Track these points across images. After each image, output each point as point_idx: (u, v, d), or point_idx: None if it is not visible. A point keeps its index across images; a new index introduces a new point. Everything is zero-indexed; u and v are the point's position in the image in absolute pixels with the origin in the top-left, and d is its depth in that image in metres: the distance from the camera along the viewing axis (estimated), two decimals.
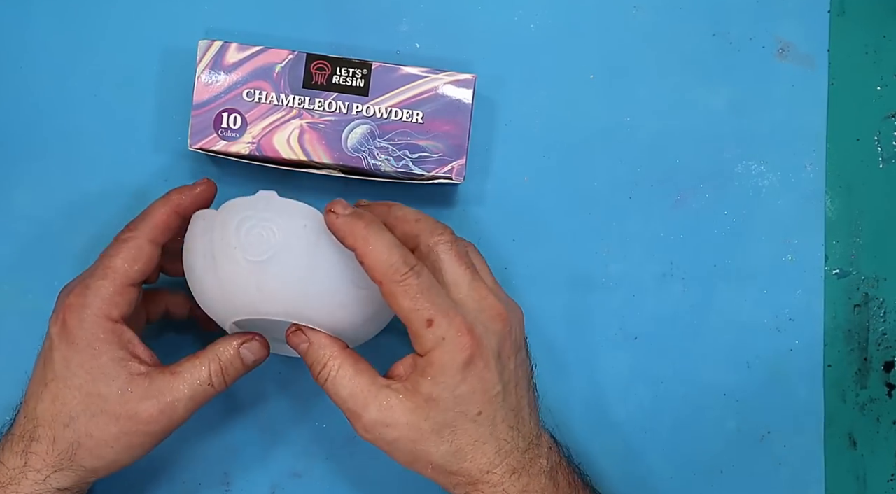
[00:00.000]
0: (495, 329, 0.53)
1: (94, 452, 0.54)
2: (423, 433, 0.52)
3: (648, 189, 0.67)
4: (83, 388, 0.53)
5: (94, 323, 0.53)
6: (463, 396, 0.52)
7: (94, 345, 0.53)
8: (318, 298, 0.54)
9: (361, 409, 0.53)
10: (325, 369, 0.54)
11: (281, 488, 0.66)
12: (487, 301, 0.54)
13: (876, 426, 0.68)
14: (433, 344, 0.52)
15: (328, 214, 0.52)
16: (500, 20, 0.67)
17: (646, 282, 0.67)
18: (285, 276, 0.53)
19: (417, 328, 0.52)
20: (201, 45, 0.60)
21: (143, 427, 0.54)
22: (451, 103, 0.60)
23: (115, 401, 0.53)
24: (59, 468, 0.54)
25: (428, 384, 0.52)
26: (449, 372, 0.52)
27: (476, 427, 0.53)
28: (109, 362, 0.53)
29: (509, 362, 0.54)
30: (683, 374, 0.67)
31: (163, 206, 0.56)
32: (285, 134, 0.60)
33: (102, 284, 0.54)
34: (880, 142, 0.68)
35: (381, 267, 0.51)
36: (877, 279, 0.68)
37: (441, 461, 0.53)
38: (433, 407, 0.52)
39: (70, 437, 0.53)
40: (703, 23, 0.68)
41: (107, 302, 0.54)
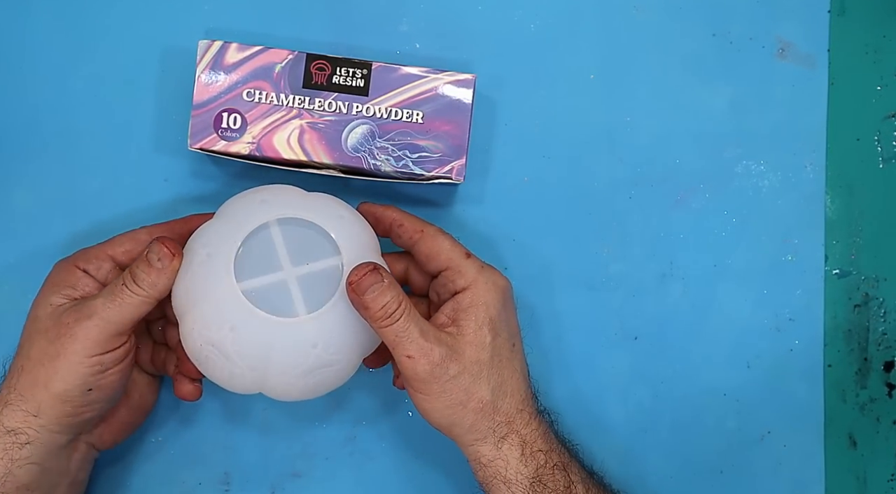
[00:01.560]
0: (503, 285, 0.59)
1: (36, 376, 0.55)
2: (481, 364, 0.57)
3: (648, 189, 0.67)
4: (29, 313, 0.58)
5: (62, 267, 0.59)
6: (504, 323, 0.58)
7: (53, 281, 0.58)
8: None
9: (434, 343, 0.55)
10: (400, 307, 0.55)
11: (281, 488, 0.66)
12: (489, 270, 0.60)
13: (876, 426, 0.68)
14: (475, 272, 0.58)
15: (363, 205, 0.61)
16: (500, 20, 0.67)
17: (646, 282, 0.67)
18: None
19: (459, 261, 0.58)
20: (201, 45, 0.60)
21: (75, 344, 0.55)
22: (451, 103, 0.60)
23: (44, 319, 0.56)
24: (10, 403, 0.56)
25: (479, 312, 0.57)
26: (493, 296, 0.58)
27: (514, 358, 0.58)
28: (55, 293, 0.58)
29: (512, 318, 0.60)
30: (683, 374, 0.67)
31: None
32: (285, 134, 0.60)
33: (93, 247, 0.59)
34: (880, 142, 0.68)
35: (420, 220, 0.60)
36: (877, 279, 0.68)
37: (490, 395, 0.57)
38: (487, 334, 0.57)
39: (15, 366, 0.57)
40: (703, 23, 0.68)
41: (82, 251, 0.59)
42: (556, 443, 0.58)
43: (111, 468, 0.65)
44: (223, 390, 0.64)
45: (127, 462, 0.65)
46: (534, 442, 0.57)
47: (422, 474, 0.66)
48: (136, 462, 0.66)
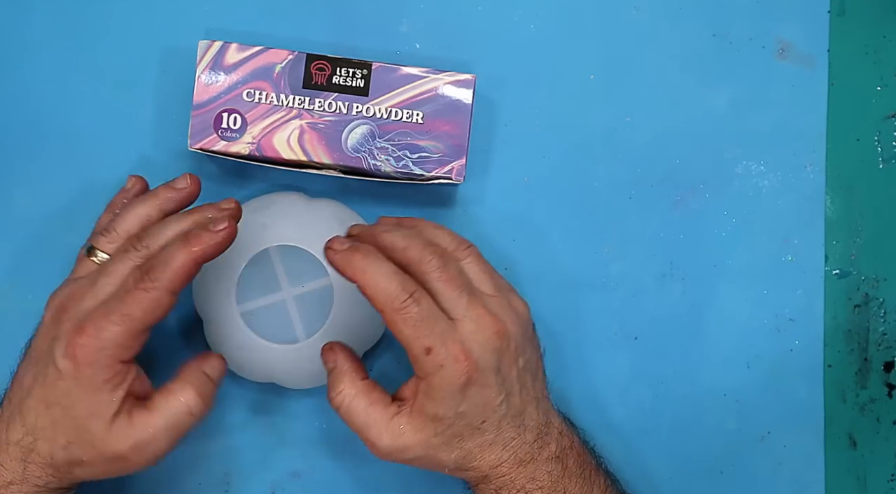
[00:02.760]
0: (493, 346, 0.55)
1: (88, 472, 0.55)
2: (434, 447, 0.55)
3: (648, 189, 0.67)
4: (77, 421, 0.53)
5: (104, 367, 0.53)
6: (465, 413, 0.55)
7: (97, 385, 0.53)
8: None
9: (376, 439, 0.55)
10: (339, 396, 0.57)
11: (281, 488, 0.66)
12: (484, 319, 0.55)
13: (876, 426, 0.68)
14: (432, 370, 0.54)
15: (327, 251, 0.55)
16: (500, 20, 0.67)
17: (646, 282, 0.67)
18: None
19: (417, 355, 0.54)
20: (201, 46, 0.60)
21: (125, 463, 0.55)
22: (451, 103, 0.60)
23: (101, 439, 0.54)
24: (57, 476, 0.55)
25: (431, 405, 0.55)
26: (449, 395, 0.54)
27: (481, 434, 0.56)
28: (107, 401, 0.53)
29: (511, 371, 0.56)
30: (683, 374, 0.67)
31: (184, 256, 0.53)
32: (285, 134, 0.60)
33: (119, 332, 0.52)
34: (880, 142, 0.68)
35: (380, 296, 0.53)
36: (877, 279, 0.68)
37: (454, 465, 0.56)
38: (439, 425, 0.55)
39: (66, 458, 0.54)
40: (703, 23, 0.68)
41: (121, 347, 0.53)
42: (549, 482, 0.56)
43: None
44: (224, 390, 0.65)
45: None
46: (511, 487, 0.56)
47: (422, 474, 0.66)
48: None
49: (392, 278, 0.53)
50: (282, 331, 0.62)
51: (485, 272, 0.58)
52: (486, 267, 0.58)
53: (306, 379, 0.63)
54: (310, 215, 0.63)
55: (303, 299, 0.62)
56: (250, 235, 0.61)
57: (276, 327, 0.62)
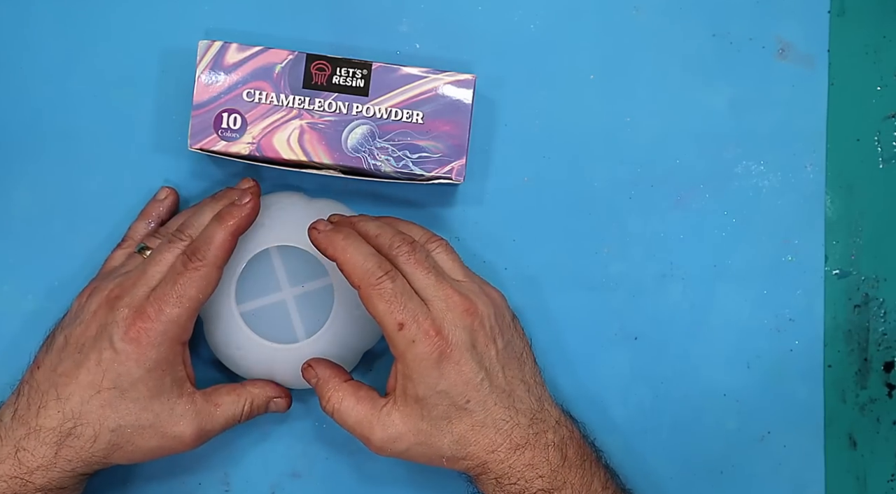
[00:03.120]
0: (464, 323, 0.56)
1: (127, 455, 0.58)
2: (425, 433, 0.57)
3: (648, 189, 0.67)
4: (140, 402, 0.57)
5: (167, 349, 0.57)
6: (446, 390, 0.56)
7: (162, 366, 0.57)
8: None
9: (369, 433, 0.57)
10: (329, 402, 0.58)
11: (281, 488, 0.66)
12: (453, 299, 0.57)
13: (876, 426, 0.68)
14: (405, 347, 0.56)
15: (311, 231, 0.58)
16: (500, 20, 0.67)
17: (646, 282, 0.67)
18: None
19: (390, 331, 0.56)
20: (201, 46, 0.60)
21: (180, 445, 0.58)
22: (451, 103, 0.60)
23: (166, 420, 0.57)
24: (90, 461, 0.57)
25: (411, 386, 0.56)
26: (425, 371, 0.56)
27: (469, 415, 0.56)
28: (171, 382, 0.58)
29: (488, 349, 0.57)
30: (683, 374, 0.67)
31: (223, 231, 0.57)
32: (285, 134, 0.60)
33: (179, 313, 0.56)
34: (880, 142, 0.68)
35: (358, 272, 0.56)
36: (877, 279, 0.68)
37: (450, 452, 0.57)
38: (424, 406, 0.56)
39: (112, 440, 0.57)
40: (703, 23, 0.68)
41: (182, 328, 0.57)
42: (548, 470, 0.57)
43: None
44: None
45: None
46: (511, 475, 0.57)
47: (422, 474, 0.66)
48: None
49: (369, 257, 0.56)
50: (282, 331, 0.62)
51: (454, 261, 0.60)
52: (456, 258, 0.61)
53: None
54: (310, 215, 0.63)
55: (303, 299, 0.62)
56: (250, 235, 0.61)
57: (276, 327, 0.62)
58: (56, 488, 0.56)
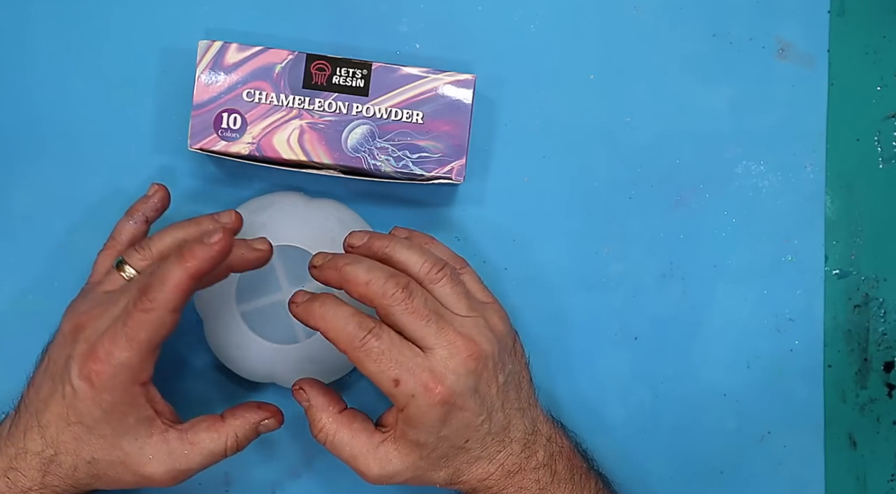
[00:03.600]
0: (469, 369, 0.54)
1: (111, 485, 0.56)
2: (422, 469, 0.56)
3: (648, 189, 0.67)
4: (107, 439, 0.54)
5: (122, 391, 0.53)
6: (447, 436, 0.55)
7: (120, 408, 0.53)
8: None
9: (365, 469, 0.56)
10: (321, 432, 0.57)
11: (281, 488, 0.66)
12: (456, 344, 0.54)
13: (876, 426, 0.68)
14: (405, 401, 0.54)
15: (290, 305, 0.56)
16: (500, 20, 0.67)
17: (646, 282, 0.67)
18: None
19: (387, 388, 0.54)
20: (201, 46, 0.60)
21: (153, 484, 0.56)
22: (451, 103, 0.60)
23: (135, 458, 0.55)
24: (77, 486, 0.56)
25: (412, 432, 0.55)
26: (427, 422, 0.54)
27: (466, 452, 0.56)
28: (135, 422, 0.54)
29: (490, 389, 0.56)
30: (683, 374, 0.67)
31: (180, 271, 0.52)
32: (285, 134, 0.60)
33: (129, 357, 0.52)
34: (880, 142, 0.68)
35: (341, 337, 0.54)
36: (877, 279, 0.68)
37: (443, 481, 0.57)
38: (423, 449, 0.55)
39: (90, 471, 0.55)
40: (703, 23, 0.68)
41: (135, 371, 0.53)
42: (537, 489, 0.57)
43: None
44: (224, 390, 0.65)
45: None
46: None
47: None
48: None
49: (349, 319, 0.54)
50: (282, 331, 0.62)
51: (459, 294, 0.57)
52: (459, 289, 0.57)
53: None
54: (310, 215, 0.63)
55: None
56: (250, 235, 0.61)
57: (276, 327, 0.62)
58: None
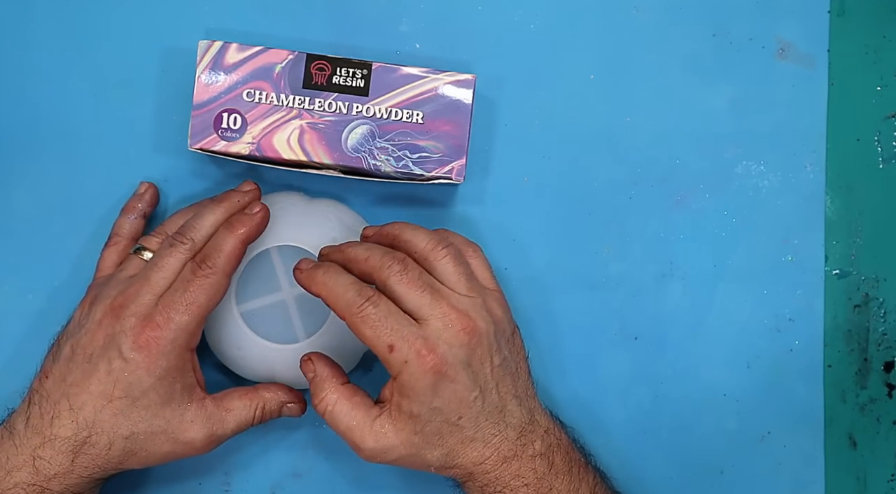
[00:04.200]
0: (461, 342, 0.56)
1: (142, 461, 0.58)
2: (416, 446, 0.57)
3: (648, 189, 0.67)
4: (151, 409, 0.57)
5: (177, 356, 0.56)
6: (439, 408, 0.56)
7: (172, 374, 0.57)
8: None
9: (360, 442, 0.57)
10: (322, 402, 0.58)
11: (281, 488, 0.66)
12: (450, 316, 0.56)
13: (876, 426, 0.68)
14: (399, 368, 0.55)
15: (294, 271, 0.58)
16: (500, 20, 0.67)
17: (646, 282, 0.67)
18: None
19: (382, 354, 0.55)
20: (201, 46, 0.60)
21: (191, 451, 0.58)
22: (451, 103, 0.60)
23: (177, 426, 0.57)
24: (105, 467, 0.57)
25: (406, 402, 0.56)
26: (420, 390, 0.55)
27: (460, 430, 0.56)
28: (181, 389, 0.57)
29: (483, 367, 0.57)
30: (683, 374, 0.67)
31: (233, 239, 0.58)
32: (285, 134, 0.60)
33: (188, 321, 0.56)
34: (880, 142, 0.68)
35: (340, 303, 0.56)
36: (877, 279, 0.68)
37: (438, 463, 0.57)
38: (417, 422, 0.56)
39: (127, 447, 0.57)
40: (703, 23, 0.68)
41: (191, 335, 0.57)
42: (534, 478, 0.57)
43: None
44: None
45: None
46: (496, 484, 0.57)
47: (421, 474, 0.66)
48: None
49: (349, 287, 0.56)
50: (282, 331, 0.62)
51: (461, 273, 0.58)
52: (462, 269, 0.58)
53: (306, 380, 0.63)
54: (310, 215, 0.63)
55: (303, 299, 0.62)
56: None
57: (276, 327, 0.62)
58: (73, 493, 0.57)
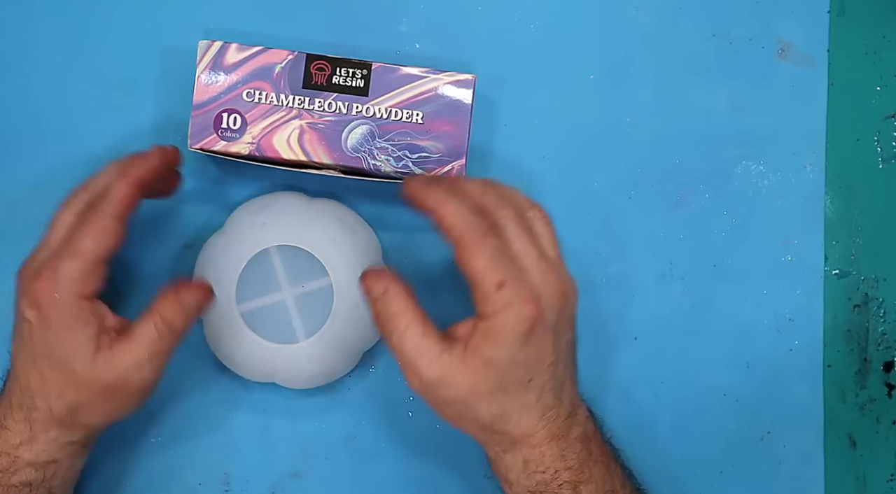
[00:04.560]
0: (555, 304, 0.54)
1: (91, 413, 0.56)
2: (478, 395, 0.54)
3: (648, 189, 0.67)
4: (62, 365, 0.55)
5: (68, 305, 0.54)
6: (520, 363, 0.53)
7: (69, 325, 0.54)
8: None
9: (424, 368, 0.53)
10: (395, 321, 0.54)
11: (281, 488, 0.66)
12: (551, 276, 0.54)
13: (876, 426, 0.68)
14: (499, 308, 0.52)
15: (407, 182, 0.56)
16: (500, 20, 0.67)
17: (646, 283, 0.67)
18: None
19: (487, 289, 0.52)
20: (201, 46, 0.60)
21: (118, 396, 0.56)
22: (450, 103, 0.60)
23: (87, 375, 0.55)
24: (64, 427, 0.56)
25: (489, 347, 0.53)
26: (510, 337, 0.52)
27: (525, 394, 0.54)
28: (84, 339, 0.54)
29: (562, 337, 0.55)
30: (683, 374, 0.67)
31: (124, 185, 0.55)
32: (285, 134, 0.60)
33: (73, 266, 0.54)
34: (880, 142, 0.68)
35: (459, 224, 0.53)
36: (877, 279, 0.68)
37: (487, 422, 0.55)
38: (491, 370, 0.53)
39: (64, 406, 0.55)
40: (703, 23, 0.68)
41: (79, 282, 0.54)
42: (576, 462, 0.56)
43: (111, 468, 0.65)
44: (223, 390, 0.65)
45: (127, 463, 0.65)
46: (540, 462, 0.55)
47: (422, 474, 0.66)
48: (136, 462, 0.66)
49: (472, 212, 0.53)
50: (282, 331, 0.62)
51: (553, 238, 0.57)
52: (553, 234, 0.57)
53: (306, 379, 0.63)
54: (310, 215, 0.63)
55: (303, 299, 0.62)
56: (250, 235, 0.61)
57: (276, 327, 0.62)
58: (46, 461, 0.56)
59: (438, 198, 0.54)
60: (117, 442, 0.65)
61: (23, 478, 0.56)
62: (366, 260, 0.63)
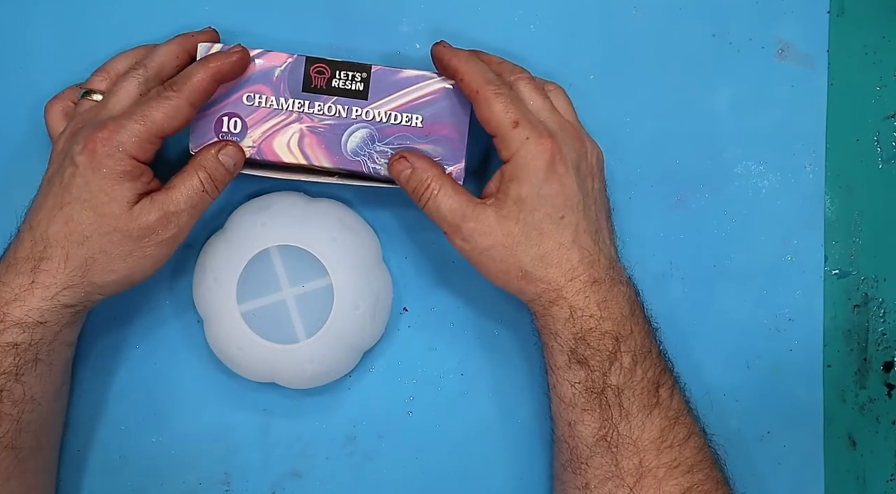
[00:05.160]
0: (574, 146, 0.59)
1: (108, 266, 0.57)
2: (514, 237, 0.58)
3: (648, 189, 0.67)
4: (98, 209, 0.56)
5: (122, 160, 0.56)
6: (546, 196, 0.57)
7: (118, 175, 0.56)
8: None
9: (461, 221, 0.58)
10: (428, 189, 0.59)
11: (281, 488, 0.66)
12: (565, 126, 0.59)
13: (876, 426, 0.68)
14: (518, 145, 0.57)
15: (435, 45, 0.60)
16: (500, 20, 0.67)
17: (645, 282, 0.67)
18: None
19: (505, 130, 0.57)
20: (201, 47, 0.60)
21: (149, 240, 0.57)
22: (449, 107, 0.60)
23: (123, 220, 0.56)
24: (69, 284, 0.57)
25: (515, 186, 0.57)
26: (532, 171, 0.57)
27: (560, 231, 0.58)
28: (128, 188, 0.57)
29: (587, 179, 0.60)
30: (683, 374, 0.67)
31: (203, 72, 0.57)
32: (285, 138, 0.60)
33: (137, 129, 0.56)
34: (880, 143, 0.68)
35: (478, 79, 0.58)
36: (876, 279, 0.68)
37: (530, 266, 0.58)
38: (521, 208, 0.57)
39: (84, 254, 0.57)
40: (703, 23, 0.67)
41: (138, 145, 0.56)
42: (619, 314, 0.58)
43: (111, 468, 0.65)
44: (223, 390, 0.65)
45: (127, 462, 0.66)
46: (585, 308, 0.58)
47: (422, 474, 0.67)
48: (136, 462, 0.66)
49: (488, 70, 0.59)
50: (282, 331, 0.62)
51: (569, 106, 0.62)
52: (570, 102, 0.63)
53: (306, 379, 0.64)
54: (310, 215, 0.63)
55: (303, 299, 0.62)
56: (250, 235, 0.61)
57: (276, 327, 0.62)
58: (36, 321, 0.57)
59: (462, 58, 0.59)
60: (117, 442, 0.65)
61: (9, 339, 0.56)
62: (366, 260, 0.63)
